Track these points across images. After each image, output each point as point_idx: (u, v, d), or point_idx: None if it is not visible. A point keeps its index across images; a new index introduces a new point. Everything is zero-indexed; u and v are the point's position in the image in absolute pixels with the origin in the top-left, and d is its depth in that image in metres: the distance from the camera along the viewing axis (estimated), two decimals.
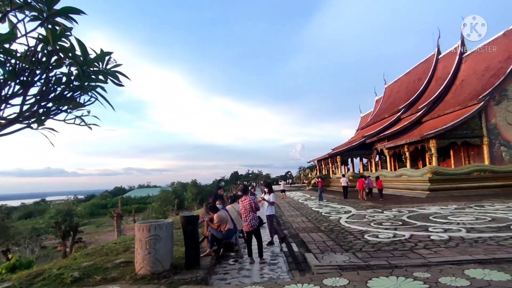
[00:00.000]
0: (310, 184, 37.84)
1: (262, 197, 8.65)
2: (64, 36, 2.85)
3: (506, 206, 12.56)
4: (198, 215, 6.07)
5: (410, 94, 33.17)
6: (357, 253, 6.52)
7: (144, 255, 5.42)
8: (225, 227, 6.61)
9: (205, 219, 6.97)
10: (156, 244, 5.43)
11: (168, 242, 5.66)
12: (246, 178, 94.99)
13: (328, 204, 17.66)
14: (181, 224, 6.08)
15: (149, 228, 5.46)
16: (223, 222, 6.61)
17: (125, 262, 6.35)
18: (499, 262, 5.39)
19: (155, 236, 5.44)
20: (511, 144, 21.73)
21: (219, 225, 6.61)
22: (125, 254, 7.40)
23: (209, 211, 6.98)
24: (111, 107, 3.25)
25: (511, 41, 23.11)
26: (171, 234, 5.80)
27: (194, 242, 5.76)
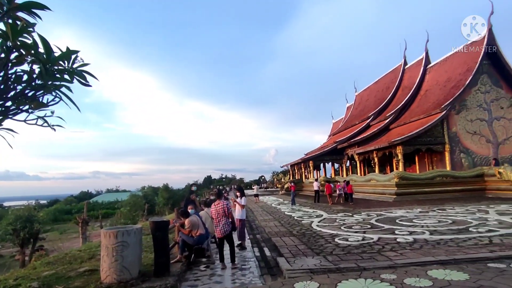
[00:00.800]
0: (283, 188, 38.20)
1: (233, 199, 8.62)
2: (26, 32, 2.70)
3: (465, 209, 13.33)
4: (168, 221, 5.91)
5: (379, 102, 34.54)
6: (328, 256, 6.64)
7: (110, 263, 5.20)
8: (196, 232, 6.49)
9: (176, 224, 6.81)
10: (124, 251, 5.22)
11: (136, 248, 5.46)
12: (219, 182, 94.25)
13: (301, 208, 17.89)
14: (150, 230, 5.90)
15: (116, 234, 5.25)
16: (195, 227, 6.49)
17: (90, 271, 6.05)
18: (459, 262, 5.69)
19: (123, 242, 5.23)
20: (470, 151, 23.18)
21: (190, 230, 6.48)
22: (90, 262, 7.06)
23: (180, 216, 6.83)
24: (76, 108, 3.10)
25: (469, 55, 24.76)
26: (139, 241, 5.61)
27: (163, 248, 5.61)
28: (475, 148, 23.25)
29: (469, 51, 24.97)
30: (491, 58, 23.64)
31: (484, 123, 23.52)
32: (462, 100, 23.44)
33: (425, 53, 30.63)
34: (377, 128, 29.79)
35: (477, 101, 23.65)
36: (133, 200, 43.17)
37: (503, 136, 23.46)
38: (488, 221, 10.02)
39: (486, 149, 23.30)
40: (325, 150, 35.55)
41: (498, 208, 13.22)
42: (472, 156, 23.10)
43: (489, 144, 23.39)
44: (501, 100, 23.79)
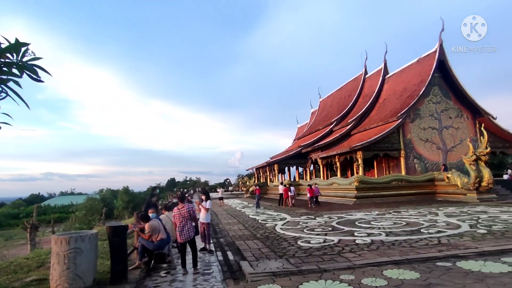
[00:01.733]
0: (248, 191, 38.27)
1: (197, 202, 8.47)
2: None
3: (418, 211, 14.21)
4: (127, 225, 5.66)
5: (342, 109, 35.90)
6: (290, 259, 6.72)
7: (61, 271, 4.85)
8: (157, 237, 6.27)
9: (135, 229, 6.52)
10: (77, 258, 4.90)
11: (91, 255, 5.15)
12: (183, 185, 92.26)
13: (265, 211, 18.02)
14: (107, 235, 5.61)
15: (68, 241, 4.92)
16: (155, 232, 6.27)
17: (38, 280, 5.61)
18: (411, 262, 6.03)
19: (76, 249, 4.91)
20: (422, 157, 24.82)
21: (150, 235, 6.24)
22: (39, 270, 6.54)
23: (140, 220, 6.57)
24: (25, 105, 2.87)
25: (423, 68, 26.60)
26: (95, 247, 5.30)
27: (121, 254, 5.35)
28: (427, 154, 24.92)
29: (423, 64, 26.85)
30: (441, 71, 25.56)
31: (435, 131, 25.32)
32: (416, 109, 25.07)
33: (384, 64, 32.43)
34: (340, 134, 30.92)
35: (429, 111, 25.42)
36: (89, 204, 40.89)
37: (451, 144, 25.41)
38: (438, 222, 10.75)
39: (437, 155, 25.08)
40: (290, 154, 36.20)
41: (446, 210, 14.25)
42: (424, 161, 24.74)
43: (439, 151, 25.21)
44: (450, 110, 25.78)
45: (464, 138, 25.25)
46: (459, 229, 9.25)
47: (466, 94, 25.37)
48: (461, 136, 25.48)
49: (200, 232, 8.14)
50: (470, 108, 25.78)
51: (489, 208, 14.39)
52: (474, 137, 24.82)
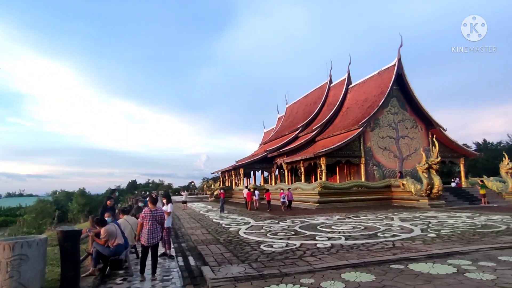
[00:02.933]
0: (212, 195, 37.84)
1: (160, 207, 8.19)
2: None
3: (375, 216, 14.89)
4: (80, 230, 5.31)
5: (307, 115, 36.85)
6: (253, 263, 6.71)
7: (3, 280, 4.43)
8: (113, 242, 5.96)
9: (89, 234, 6.16)
10: (22, 266, 4.51)
11: (38, 262, 4.77)
12: (145, 187, 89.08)
13: (229, 215, 17.90)
14: (58, 240, 5.23)
15: (12, 247, 4.51)
16: (112, 237, 5.96)
17: None
18: (368, 265, 6.27)
19: (21, 256, 4.52)
20: (381, 164, 26.13)
21: (106, 240, 5.92)
22: None
23: (96, 224, 6.21)
24: None
25: (383, 80, 28.13)
26: (43, 253, 4.92)
27: (73, 260, 5.01)
28: (385, 162, 26.29)
29: (383, 76, 28.40)
30: (399, 84, 27.21)
31: (393, 140, 26.82)
32: (376, 119, 26.40)
33: (347, 74, 33.86)
34: (305, 140, 31.66)
35: (388, 121, 26.89)
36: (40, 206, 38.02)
37: (406, 152, 27.03)
38: (393, 227, 11.33)
39: (394, 163, 26.54)
40: (255, 159, 36.39)
41: (401, 215, 15.08)
42: (382, 169, 26.05)
43: (396, 159, 26.71)
44: (406, 121, 27.46)
45: (418, 147, 26.98)
46: (412, 233, 9.81)
47: (420, 106, 27.18)
48: (415, 146, 27.20)
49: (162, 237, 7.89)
50: (423, 120, 27.64)
51: (438, 214, 15.43)
52: (427, 147, 26.61)
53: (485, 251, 7.12)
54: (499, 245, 7.66)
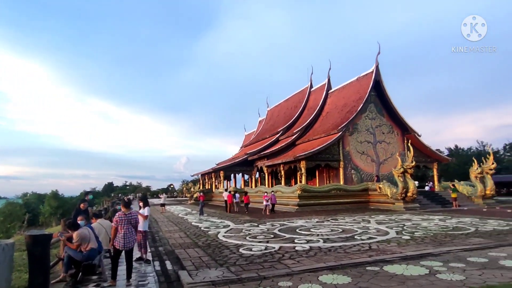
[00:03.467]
0: (192, 198, 37.36)
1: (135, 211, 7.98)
2: None
3: (353, 219, 15.18)
4: (51, 234, 5.08)
5: (288, 119, 37.18)
6: (231, 267, 6.66)
7: None
8: (86, 246, 5.75)
9: (61, 238, 5.90)
10: None
11: (3, 268, 4.51)
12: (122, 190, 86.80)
13: (209, 218, 17.71)
14: (26, 244, 4.98)
15: None
16: (85, 241, 5.74)
17: None
18: (345, 267, 6.37)
19: None
20: (359, 168, 26.71)
21: (79, 244, 5.70)
22: None
23: (68, 228, 5.97)
24: None
25: (361, 86, 28.85)
26: (9, 258, 4.66)
27: (42, 266, 4.78)
28: (362, 166, 26.89)
29: (361, 82, 29.12)
30: (377, 90, 27.98)
31: (370, 145, 27.49)
32: (355, 124, 27.00)
33: (327, 80, 34.49)
34: (285, 143, 31.89)
35: (366, 126, 27.56)
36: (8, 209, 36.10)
37: (383, 157, 27.78)
38: (369, 229, 11.59)
39: (371, 167, 27.20)
40: (236, 161, 36.28)
41: (377, 218, 15.45)
42: (360, 172, 26.63)
43: (373, 163, 27.38)
44: (383, 126, 28.25)
45: (394, 152, 27.78)
46: (387, 236, 10.07)
47: (396, 112, 28.05)
48: (392, 150, 28.00)
49: (137, 241, 7.69)
50: (399, 125, 28.53)
51: (413, 216, 15.93)
52: (403, 152, 27.45)
53: (455, 253, 7.40)
54: (468, 247, 7.99)
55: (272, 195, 20.99)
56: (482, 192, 23.13)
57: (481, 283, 5.06)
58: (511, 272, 5.62)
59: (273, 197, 21.00)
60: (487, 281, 5.11)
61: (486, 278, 5.29)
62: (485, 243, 8.44)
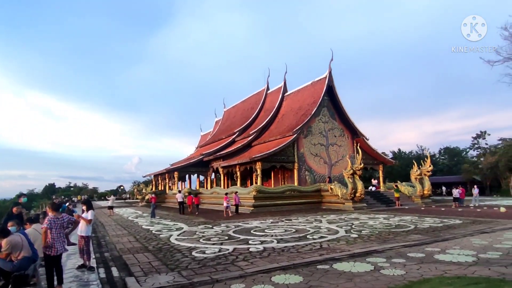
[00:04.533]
0: (144, 200, 35.77)
1: (78, 215, 7.41)
2: None
3: (306, 219, 15.62)
4: None
5: (244, 120, 37.30)
6: (183, 271, 6.44)
7: None
8: (18, 255, 5.17)
9: None
10: None
11: None
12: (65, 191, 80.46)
13: (161, 221, 17.06)
14: None
15: None
16: (16, 250, 5.15)
17: None
18: (297, 266, 6.49)
19: None
20: (312, 169, 27.65)
21: (9, 253, 5.10)
22: None
23: None
24: None
25: (315, 90, 29.95)
26: None
27: None
28: (316, 167, 27.89)
29: (316, 86, 30.24)
30: (330, 95, 29.25)
31: (323, 147, 28.63)
32: (309, 126, 27.93)
33: (284, 83, 35.29)
34: (241, 144, 31.96)
35: (319, 129, 28.66)
36: None
37: (335, 159, 29.09)
38: (321, 229, 12.00)
39: (324, 168, 28.32)
40: (191, 162, 35.52)
41: (328, 217, 16.08)
42: (313, 174, 27.59)
43: (326, 164, 28.54)
44: (335, 130, 29.60)
45: (345, 154, 29.24)
46: (337, 234, 10.50)
47: (347, 116, 29.58)
48: (342, 153, 29.44)
49: (79, 247, 7.12)
50: (350, 129, 30.11)
51: (360, 215, 16.84)
52: (352, 154, 28.99)
53: (397, 249, 7.94)
54: (408, 243, 8.62)
55: (235, 195, 20.67)
56: (421, 192, 25.23)
57: (419, 276, 5.45)
58: (444, 266, 6.15)
59: (237, 198, 20.66)
60: (424, 275, 5.53)
61: (423, 272, 5.73)
62: (422, 239, 9.18)
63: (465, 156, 53.95)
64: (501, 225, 11.90)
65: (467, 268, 5.91)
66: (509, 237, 9.23)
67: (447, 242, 8.66)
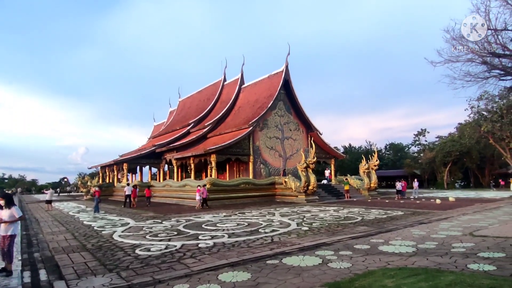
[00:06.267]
0: (88, 193, 33.40)
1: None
2: None
3: (259, 212, 15.60)
4: None
5: (200, 111, 36.38)
6: (122, 272, 5.91)
7: None
8: None
9: None
10: None
11: None
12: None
13: (105, 216, 15.94)
14: None
15: None
16: None
17: None
18: (246, 262, 6.30)
19: None
20: (267, 162, 27.83)
21: None
22: None
23: None
24: None
25: (272, 83, 30.06)
26: None
27: None
28: (271, 160, 28.12)
29: (272, 80, 30.34)
30: (286, 89, 29.56)
31: (278, 141, 28.93)
32: (265, 119, 28.00)
33: (241, 74, 34.94)
34: (196, 136, 31.13)
35: (275, 122, 28.87)
36: None
37: (290, 152, 29.58)
38: (274, 222, 12.00)
39: (279, 162, 28.66)
40: (142, 153, 33.87)
41: (281, 210, 16.22)
42: (269, 167, 27.79)
43: (281, 158, 28.91)
44: (290, 123, 30.05)
45: (299, 148, 29.86)
46: (289, 227, 10.55)
47: (302, 111, 30.16)
48: (297, 146, 30.03)
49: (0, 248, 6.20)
50: (305, 123, 30.79)
51: (312, 208, 17.26)
52: (307, 148, 29.71)
53: (345, 241, 8.12)
54: (355, 235, 8.89)
55: (203, 188, 19.41)
56: (368, 185, 26.68)
57: (364, 269, 5.55)
58: (387, 257, 6.37)
59: (204, 190, 19.42)
60: (369, 267, 5.65)
61: (368, 264, 5.85)
62: (368, 231, 9.55)
63: (407, 151, 58.43)
64: (437, 216, 12.90)
65: (407, 258, 6.17)
66: (443, 227, 9.97)
67: (390, 233, 9.09)
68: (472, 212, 14.05)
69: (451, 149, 39.90)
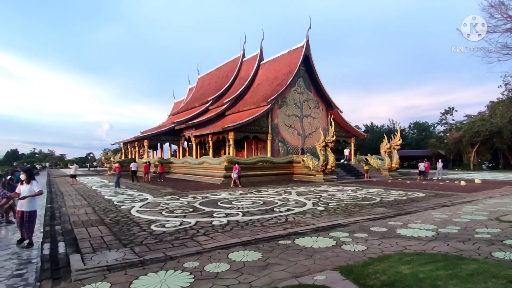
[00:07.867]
0: (111, 169, 34.57)
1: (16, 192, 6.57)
2: None
3: (276, 191, 15.54)
4: None
5: (218, 88, 36.11)
6: (136, 247, 6.00)
7: None
8: None
9: None
10: None
11: None
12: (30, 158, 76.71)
13: (126, 191, 16.42)
14: None
15: None
16: None
17: None
18: (258, 242, 6.23)
19: None
20: (286, 141, 27.53)
21: None
22: None
23: None
24: None
25: (292, 59, 29.14)
26: None
27: None
28: (289, 138, 27.77)
29: (292, 55, 29.38)
30: (306, 65, 28.59)
31: (297, 119, 28.39)
32: (284, 97, 27.40)
33: (260, 50, 34.04)
34: (215, 113, 31.07)
35: (294, 100, 28.22)
36: None
37: (308, 131, 29.05)
38: (289, 201, 11.89)
39: (297, 140, 28.27)
40: (162, 130, 34.33)
41: (298, 189, 16.09)
42: (287, 145, 27.50)
43: (299, 136, 28.48)
44: (310, 101, 29.29)
45: (318, 126, 29.23)
46: (304, 207, 10.41)
47: (322, 88, 29.24)
48: (316, 125, 29.40)
49: (18, 220, 6.44)
50: (325, 101, 29.92)
51: (330, 188, 17.01)
52: (326, 126, 29.03)
53: (361, 223, 7.89)
54: (372, 217, 8.63)
55: (238, 166, 19.08)
56: (389, 165, 25.95)
57: (379, 253, 5.34)
58: (404, 241, 6.11)
59: (239, 168, 18.95)
60: (385, 251, 5.43)
61: (384, 248, 5.63)
62: (386, 213, 9.25)
63: (433, 131, 56.14)
64: (461, 198, 12.34)
65: (426, 243, 5.88)
66: (467, 211, 9.49)
67: (410, 216, 8.76)
68: (499, 195, 13.34)
69: (480, 129, 37.86)
